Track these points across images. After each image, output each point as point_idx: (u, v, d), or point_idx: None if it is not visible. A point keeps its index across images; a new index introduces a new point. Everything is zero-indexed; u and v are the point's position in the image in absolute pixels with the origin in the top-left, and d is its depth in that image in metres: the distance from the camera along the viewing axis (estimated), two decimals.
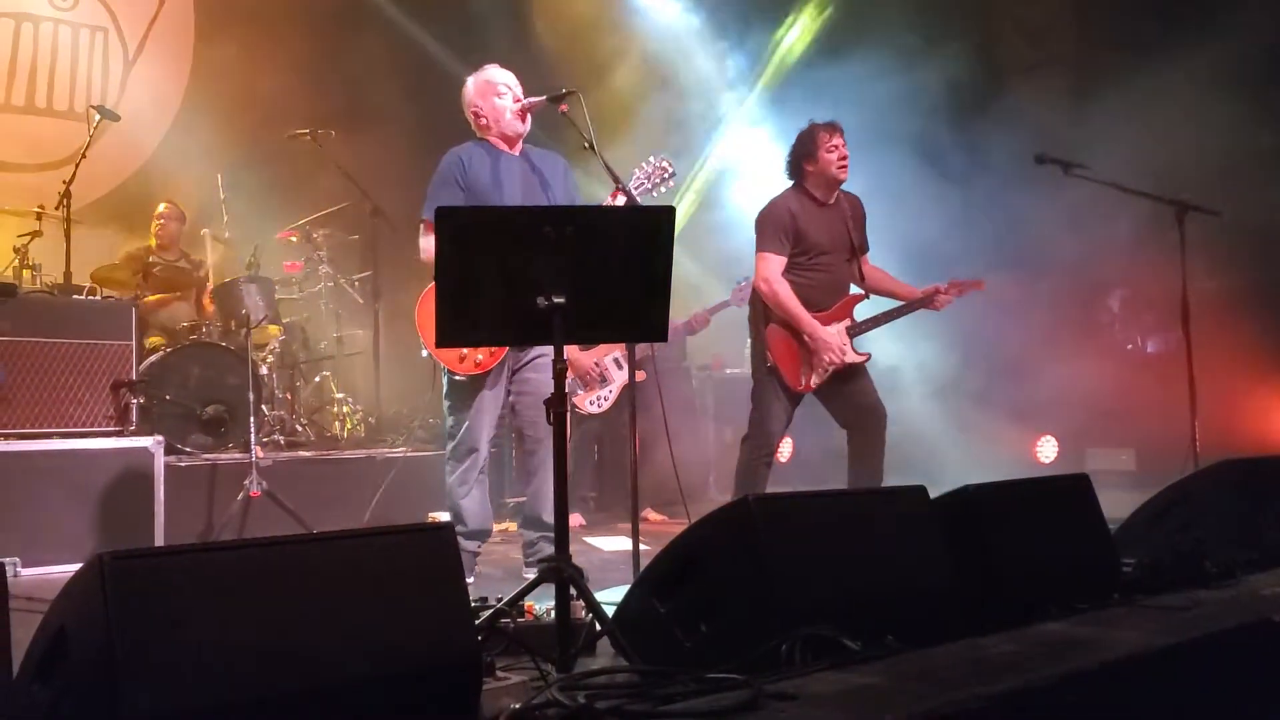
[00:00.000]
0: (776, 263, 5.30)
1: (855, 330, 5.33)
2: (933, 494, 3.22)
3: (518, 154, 4.82)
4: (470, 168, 4.70)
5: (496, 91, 4.77)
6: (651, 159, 4.67)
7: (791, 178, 5.44)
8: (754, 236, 5.42)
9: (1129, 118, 7.36)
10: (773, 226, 5.33)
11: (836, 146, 5.28)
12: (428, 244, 4.65)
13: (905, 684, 2.31)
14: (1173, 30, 7.63)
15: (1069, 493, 3.57)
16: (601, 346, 6.84)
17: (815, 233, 5.32)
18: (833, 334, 5.26)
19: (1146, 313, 8.40)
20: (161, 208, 7.81)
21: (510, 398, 4.80)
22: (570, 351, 6.69)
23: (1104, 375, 8.02)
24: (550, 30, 9.30)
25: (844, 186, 5.45)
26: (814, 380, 5.29)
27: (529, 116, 4.78)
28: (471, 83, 4.86)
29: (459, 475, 4.70)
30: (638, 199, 4.52)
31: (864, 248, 5.55)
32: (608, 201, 4.50)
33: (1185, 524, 3.82)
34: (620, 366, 6.82)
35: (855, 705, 2.18)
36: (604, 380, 6.96)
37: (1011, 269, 7.67)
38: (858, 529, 2.97)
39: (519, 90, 4.79)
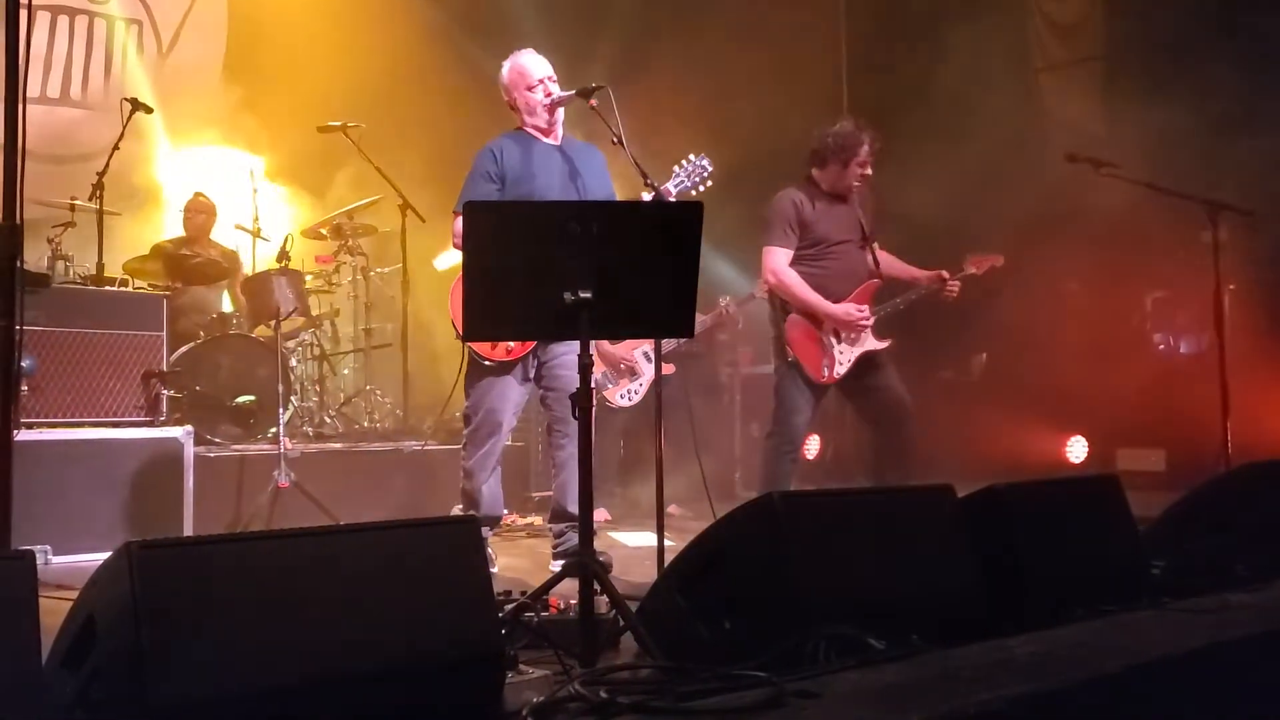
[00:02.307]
0: (783, 255, 5.29)
1: (875, 316, 5.32)
2: (960, 493, 3.20)
3: (555, 142, 4.83)
4: (504, 159, 4.71)
5: (529, 83, 4.77)
6: (692, 157, 4.67)
7: (812, 164, 5.40)
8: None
9: (1161, 116, 7.29)
10: (778, 219, 5.32)
11: (866, 164, 5.26)
12: (459, 229, 4.66)
13: (929, 684, 2.30)
14: (1206, 27, 7.55)
15: (1098, 493, 3.54)
16: (631, 340, 6.84)
17: (824, 223, 5.31)
18: (850, 309, 5.24)
19: (1179, 313, 8.30)
20: (191, 200, 7.86)
21: (541, 389, 4.80)
22: (601, 344, 6.73)
23: (1135, 376, 7.93)
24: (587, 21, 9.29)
25: None
26: (837, 370, 5.27)
27: (559, 111, 4.77)
28: (507, 68, 4.85)
29: (477, 459, 4.71)
30: (674, 196, 4.53)
31: (874, 235, 5.52)
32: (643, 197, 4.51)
33: (1215, 526, 3.78)
34: (650, 360, 6.82)
35: (879, 704, 2.17)
36: (634, 374, 6.97)
37: (1042, 267, 7.61)
38: (883, 527, 2.96)
39: (553, 83, 4.77)
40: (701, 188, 4.66)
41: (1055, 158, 5.87)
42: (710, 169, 4.66)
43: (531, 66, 4.79)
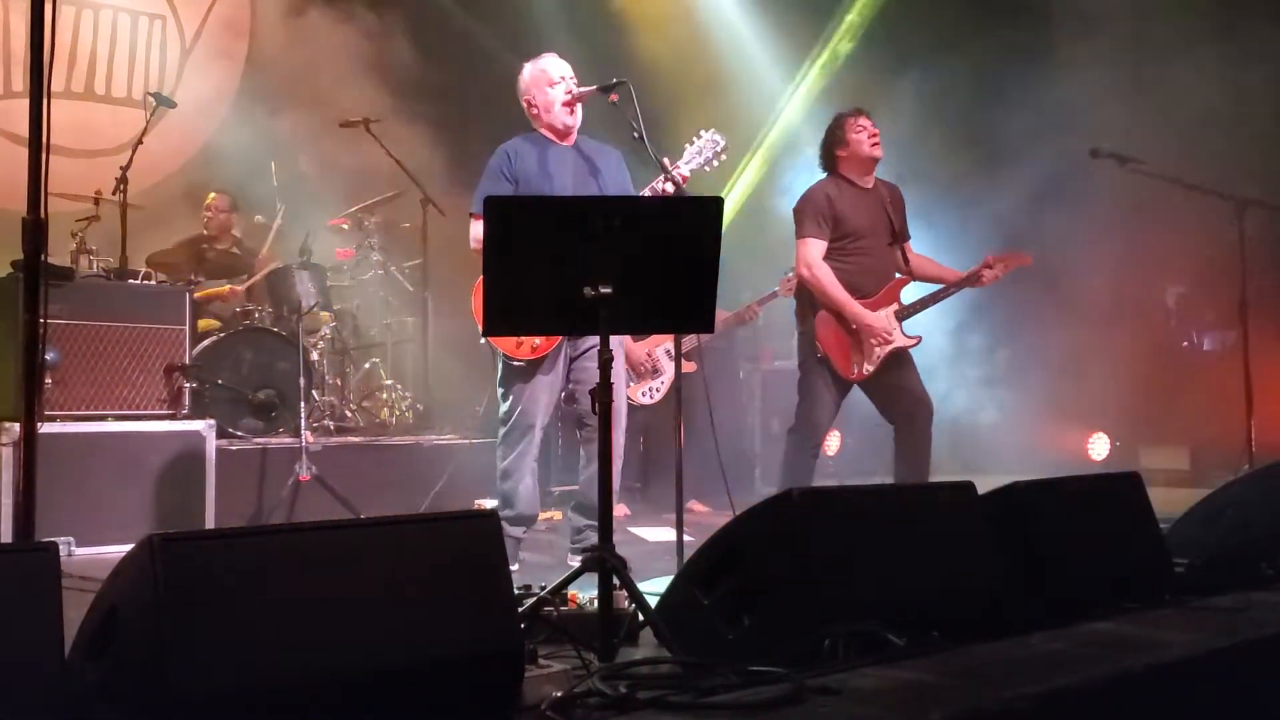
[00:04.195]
0: (817, 247, 5.28)
1: (903, 314, 5.30)
2: (981, 490, 3.19)
3: (570, 145, 4.82)
4: (518, 161, 4.70)
5: (549, 80, 4.76)
6: (703, 133, 4.66)
7: (826, 168, 5.44)
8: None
9: (1187, 110, 7.23)
10: (811, 212, 5.32)
11: (864, 127, 5.30)
12: (477, 232, 4.67)
13: (950, 681, 2.29)
14: (1233, 19, 7.49)
15: (1120, 491, 3.53)
16: (654, 337, 6.84)
17: (854, 216, 5.31)
18: (879, 317, 5.24)
19: (1204, 309, 8.25)
20: (210, 197, 7.87)
21: (570, 385, 4.80)
22: (625, 342, 6.72)
23: (1159, 372, 7.89)
24: (605, 19, 9.29)
25: (888, 177, 5.43)
26: (866, 368, 5.26)
27: (579, 109, 4.76)
28: (527, 71, 4.84)
29: (513, 459, 4.71)
30: (688, 177, 4.52)
31: (905, 234, 5.51)
32: (658, 190, 4.51)
33: (1239, 524, 3.75)
34: (672, 358, 6.81)
35: (899, 701, 2.16)
36: (656, 371, 6.96)
37: (1066, 262, 7.57)
38: (904, 524, 2.95)
39: (573, 82, 4.77)
40: (715, 163, 4.65)
41: (1080, 153, 5.83)
42: (723, 143, 4.65)
43: (552, 65, 4.79)
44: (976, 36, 8.40)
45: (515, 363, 4.63)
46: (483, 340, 4.73)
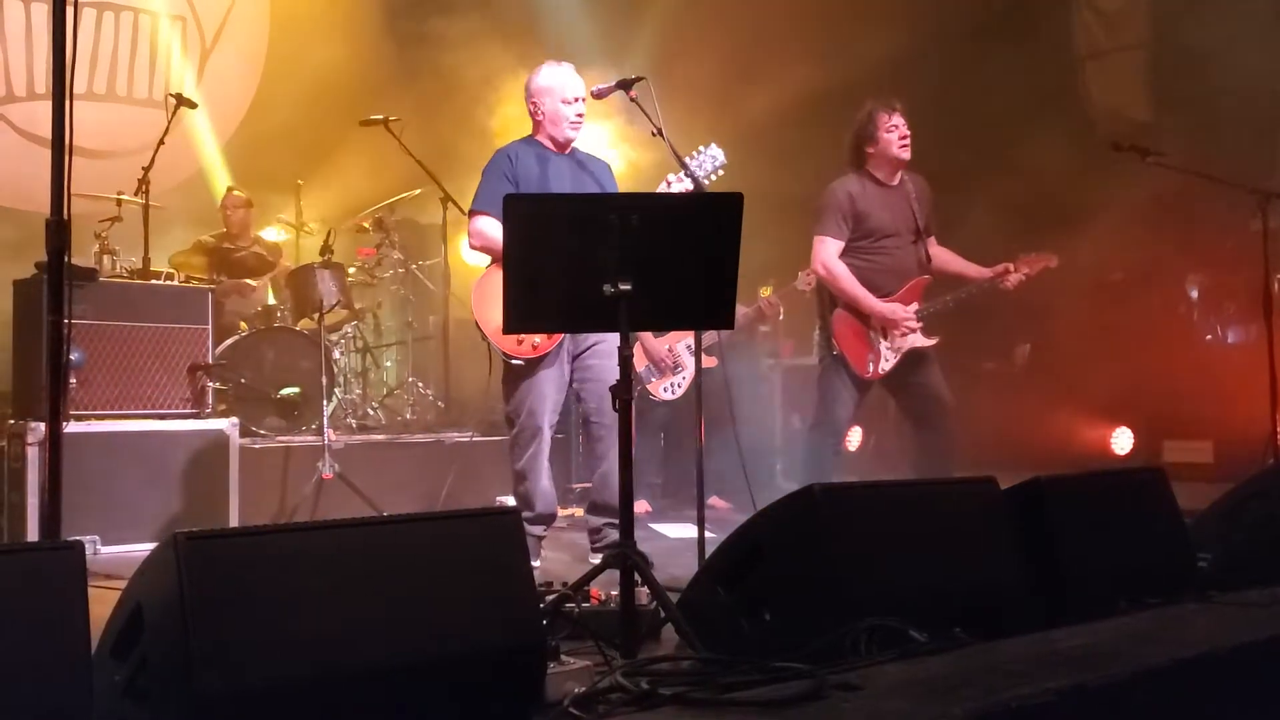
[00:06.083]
0: (834, 246, 5.26)
1: (924, 313, 5.28)
2: (1003, 485, 3.18)
3: (566, 154, 4.82)
4: (519, 164, 4.70)
5: (563, 98, 4.73)
6: (702, 148, 4.65)
7: (852, 162, 5.39)
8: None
9: (1208, 102, 7.18)
10: (831, 210, 5.29)
11: (896, 126, 5.23)
12: (478, 228, 4.66)
13: (972, 677, 2.29)
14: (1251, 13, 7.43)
15: (1143, 485, 3.51)
16: (674, 333, 6.83)
17: (877, 215, 5.27)
18: (898, 308, 5.21)
19: (1227, 302, 8.19)
20: (226, 195, 7.91)
21: (574, 384, 4.80)
22: (645, 338, 6.73)
23: (1182, 366, 7.83)
24: (623, 18, 9.28)
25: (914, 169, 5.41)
26: (882, 366, 5.24)
27: (581, 128, 4.77)
28: (542, 75, 4.82)
29: (525, 462, 4.71)
30: (704, 184, 4.51)
31: (929, 230, 5.47)
32: (670, 185, 4.51)
33: (1263, 518, 3.73)
34: (692, 353, 6.80)
35: (921, 697, 2.16)
36: (677, 367, 6.96)
37: (1087, 256, 7.52)
38: (926, 520, 2.95)
39: (583, 106, 4.75)
40: (713, 177, 4.63)
41: (1101, 146, 5.80)
42: (721, 159, 4.63)
43: (570, 82, 4.76)
44: (993, 24, 8.37)
45: (516, 362, 4.62)
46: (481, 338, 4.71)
